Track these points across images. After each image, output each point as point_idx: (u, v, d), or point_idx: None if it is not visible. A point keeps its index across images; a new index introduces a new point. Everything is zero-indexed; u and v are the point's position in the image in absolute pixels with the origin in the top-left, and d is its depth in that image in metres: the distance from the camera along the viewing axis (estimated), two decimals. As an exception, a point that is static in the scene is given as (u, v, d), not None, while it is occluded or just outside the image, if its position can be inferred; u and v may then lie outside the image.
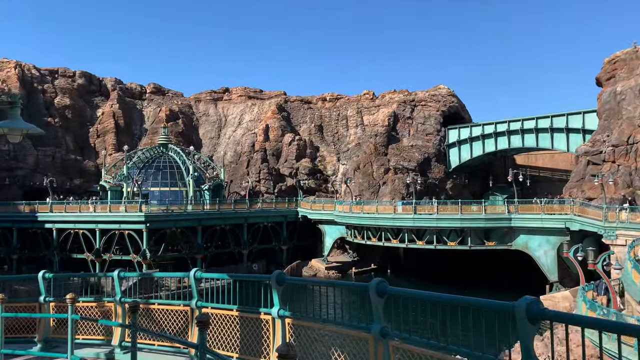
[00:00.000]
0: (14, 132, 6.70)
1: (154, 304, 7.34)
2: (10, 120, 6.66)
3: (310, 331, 5.43)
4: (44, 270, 8.42)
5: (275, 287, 5.95)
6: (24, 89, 67.20)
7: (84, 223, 46.98)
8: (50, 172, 61.56)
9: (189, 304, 6.96)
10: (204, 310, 6.77)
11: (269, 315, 6.02)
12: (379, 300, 5.00)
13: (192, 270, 7.00)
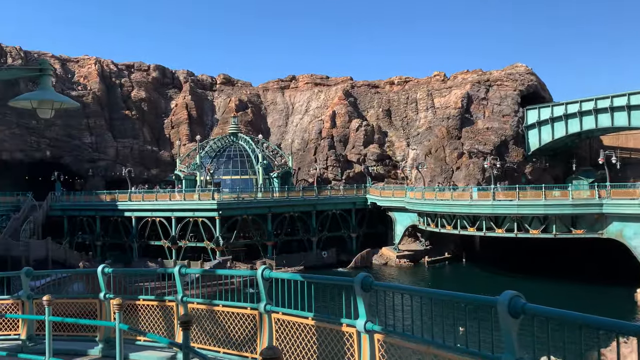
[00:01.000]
0: (44, 105, 5.46)
1: (218, 305, 6.56)
2: (39, 91, 5.45)
3: (412, 355, 4.32)
4: (103, 265, 7.95)
5: (360, 295, 4.91)
6: (104, 84, 70.70)
7: (161, 211, 48.61)
8: (129, 162, 64.46)
9: (257, 307, 6.10)
10: (275, 315, 5.89)
11: (353, 328, 4.99)
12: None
13: (260, 269, 6.11)
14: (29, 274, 8.17)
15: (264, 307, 5.96)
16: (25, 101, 5.48)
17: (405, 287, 4.16)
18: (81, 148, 63.95)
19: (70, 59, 73.71)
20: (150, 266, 44.83)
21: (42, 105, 5.51)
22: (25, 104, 5.54)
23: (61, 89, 65.41)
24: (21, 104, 5.59)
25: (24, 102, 5.49)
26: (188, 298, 6.93)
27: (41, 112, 5.60)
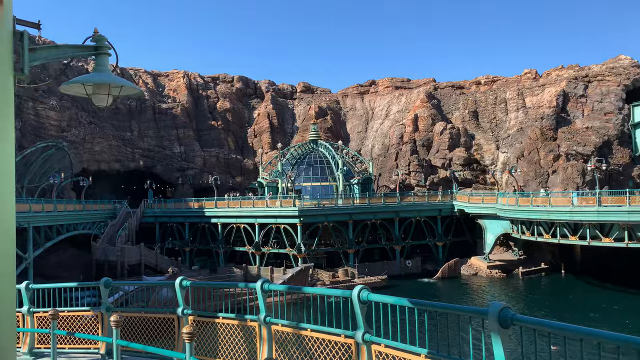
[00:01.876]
0: (100, 90, 4.47)
1: (307, 329, 5.54)
2: (95, 73, 4.46)
3: None
4: (181, 277, 7.30)
5: (496, 332, 3.63)
6: (191, 96, 73.91)
7: (244, 218, 49.36)
8: (215, 171, 66.64)
9: (354, 336, 5.00)
10: (375, 347, 4.77)
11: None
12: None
13: (356, 290, 4.98)
14: (107, 285, 7.72)
15: (361, 337, 4.86)
16: (78, 85, 4.52)
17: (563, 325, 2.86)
18: (171, 157, 67.07)
19: (161, 73, 77.94)
20: (235, 272, 45.54)
21: (98, 90, 4.55)
22: (77, 89, 4.60)
23: (153, 102, 69.27)
24: (73, 90, 4.67)
25: (76, 86, 4.56)
26: (272, 319, 6.01)
27: (97, 100, 4.61)
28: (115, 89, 4.64)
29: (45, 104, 55.87)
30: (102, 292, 7.75)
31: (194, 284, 7.14)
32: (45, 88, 58.71)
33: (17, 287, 8.37)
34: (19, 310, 8.11)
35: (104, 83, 4.49)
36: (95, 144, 60.30)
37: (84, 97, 4.70)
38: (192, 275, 41.15)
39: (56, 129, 55.97)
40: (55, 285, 8.21)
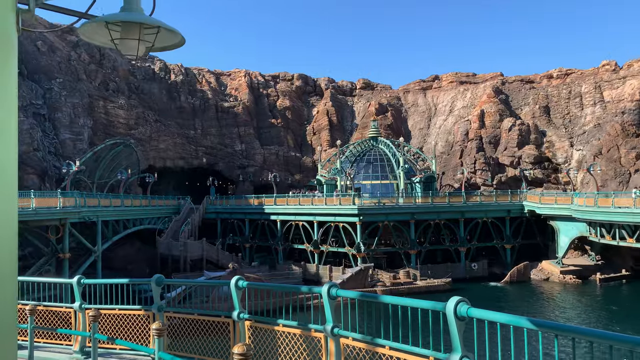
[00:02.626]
0: (129, 33, 3.38)
1: (384, 347, 4.55)
2: (123, 12, 3.34)
3: None
4: (237, 277, 6.53)
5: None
6: (252, 95, 74.68)
7: (303, 215, 48.95)
8: (275, 168, 66.90)
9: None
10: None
11: None
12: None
13: (451, 303, 3.95)
14: (159, 282, 7.09)
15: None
16: (100, 27, 3.38)
17: None
18: (233, 155, 68.02)
19: (223, 73, 79.33)
20: (294, 269, 45.20)
21: (127, 34, 3.39)
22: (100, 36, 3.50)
23: (215, 101, 70.56)
24: (95, 37, 3.53)
25: (98, 30, 3.43)
26: (341, 330, 5.07)
27: (124, 47, 3.49)
28: (150, 34, 3.46)
29: (115, 103, 58.15)
30: (153, 291, 7.12)
31: (251, 284, 6.33)
32: (115, 87, 61.20)
33: (69, 281, 7.98)
34: (71, 306, 7.65)
35: (134, 22, 3.32)
36: (161, 141, 62.11)
37: (109, 45, 3.60)
38: (251, 272, 41.20)
39: (124, 127, 58.12)
40: (107, 280, 7.69)
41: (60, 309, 7.81)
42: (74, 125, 52.24)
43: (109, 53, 66.09)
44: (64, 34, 64.16)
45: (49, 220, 32.74)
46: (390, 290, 40.35)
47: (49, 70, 53.68)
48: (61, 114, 51.44)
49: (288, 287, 5.49)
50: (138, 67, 68.30)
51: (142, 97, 64.63)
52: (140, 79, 67.19)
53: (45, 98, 51.54)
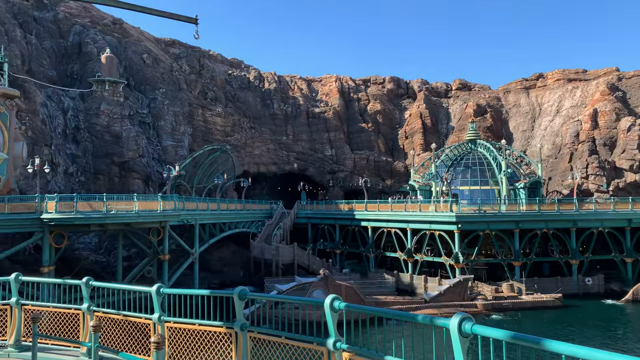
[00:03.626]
0: None
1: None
2: None
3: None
4: (332, 296, 5.27)
5: None
6: (343, 99, 74.16)
7: (396, 222, 47.07)
8: (365, 173, 65.67)
9: None
10: None
11: None
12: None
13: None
14: (242, 297, 6.04)
15: None
16: None
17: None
18: (323, 160, 67.83)
19: (314, 79, 79.79)
20: (386, 278, 43.45)
21: None
22: None
23: (307, 107, 70.96)
24: None
25: None
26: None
27: None
28: None
29: (213, 111, 60.36)
30: (236, 305, 6.09)
31: (351, 307, 5.03)
32: (213, 96, 63.66)
33: (147, 290, 7.27)
34: (149, 318, 6.89)
35: None
36: (255, 147, 63.48)
37: None
38: (342, 279, 40.12)
39: (221, 133, 60.10)
40: (187, 291, 6.81)
41: (139, 319, 7.09)
42: (175, 132, 54.87)
43: (208, 64, 69.06)
44: (166, 46, 68.13)
45: (150, 222, 34.08)
46: (492, 305, 37.23)
47: (153, 81, 56.98)
48: (164, 122, 54.25)
49: (402, 314, 4.18)
50: (234, 77, 70.64)
51: (237, 105, 66.63)
52: (236, 87, 69.38)
53: (150, 107, 54.68)
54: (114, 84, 50.81)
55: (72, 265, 37.35)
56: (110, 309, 7.47)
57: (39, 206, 29.77)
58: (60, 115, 46.76)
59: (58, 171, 43.75)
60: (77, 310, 7.70)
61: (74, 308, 7.77)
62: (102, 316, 7.43)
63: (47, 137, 43.43)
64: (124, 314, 7.23)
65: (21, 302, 8.18)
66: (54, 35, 54.34)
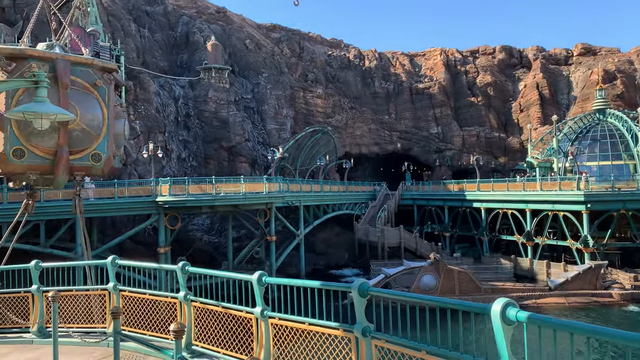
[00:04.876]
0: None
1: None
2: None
3: None
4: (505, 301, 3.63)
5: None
6: (448, 73, 69.90)
7: (512, 202, 43.11)
8: (475, 151, 61.44)
9: None
10: None
11: None
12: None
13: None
14: (363, 293, 4.56)
15: None
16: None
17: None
18: (428, 139, 64.66)
19: (417, 54, 76.18)
20: (503, 263, 40.10)
21: None
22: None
23: (410, 83, 67.94)
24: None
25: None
26: None
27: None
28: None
29: (313, 93, 59.91)
30: (356, 305, 4.64)
31: (531, 318, 3.36)
32: (313, 78, 63.18)
33: (248, 278, 6.14)
34: (251, 311, 5.75)
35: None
36: (356, 128, 62.14)
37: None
38: (453, 264, 37.57)
39: (322, 115, 59.54)
40: (295, 282, 5.52)
41: (240, 313, 5.98)
42: (278, 116, 55.29)
43: (308, 46, 68.73)
44: (267, 32, 68.86)
45: (256, 204, 34.36)
46: (632, 295, 32.52)
47: (256, 66, 57.77)
48: (267, 106, 54.86)
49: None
50: (334, 57, 69.61)
51: (338, 86, 65.60)
52: (336, 67, 68.31)
53: (254, 92, 55.57)
54: (219, 71, 52.22)
55: (186, 245, 39.05)
56: (207, 298, 6.47)
57: (154, 189, 31.19)
58: (172, 103, 49.07)
59: (172, 157, 46.01)
60: (174, 299, 6.81)
61: (170, 296, 6.90)
62: (200, 307, 6.47)
63: (161, 125, 45.75)
64: (223, 306, 6.18)
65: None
66: (164, 28, 57.12)
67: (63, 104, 8.13)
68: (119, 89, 10.23)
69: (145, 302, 7.05)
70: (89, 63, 8.82)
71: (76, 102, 8.34)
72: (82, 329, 7.67)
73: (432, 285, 32.70)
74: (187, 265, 6.55)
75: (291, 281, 5.50)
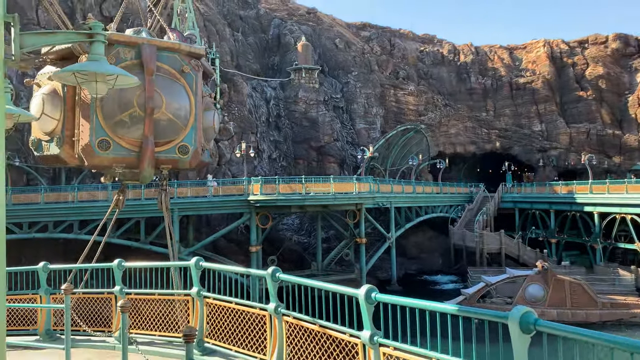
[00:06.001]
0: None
1: None
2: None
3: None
4: None
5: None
6: (553, 66, 64.46)
7: (632, 207, 38.16)
8: (585, 150, 55.87)
9: None
10: None
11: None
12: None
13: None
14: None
15: None
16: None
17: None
18: (530, 137, 59.94)
19: (517, 46, 71.16)
20: (622, 274, 35.62)
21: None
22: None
23: (509, 78, 63.53)
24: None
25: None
26: None
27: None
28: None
29: (405, 90, 57.91)
30: (515, 347, 3.25)
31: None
32: (405, 75, 61.13)
33: (358, 294, 4.93)
34: (360, 335, 4.58)
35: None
36: (451, 126, 59.16)
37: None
38: (562, 273, 33.92)
39: (414, 113, 57.35)
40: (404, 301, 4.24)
41: (342, 336, 4.82)
42: (367, 115, 54.06)
43: (399, 42, 66.75)
44: (357, 30, 67.87)
45: (346, 204, 33.41)
46: None
47: (346, 65, 56.98)
48: (356, 105, 53.84)
49: None
50: (426, 53, 66.98)
51: (430, 82, 62.95)
52: (429, 64, 65.64)
53: (343, 91, 54.81)
54: (309, 71, 52.11)
55: (276, 245, 39.07)
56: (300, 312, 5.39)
57: (246, 188, 31.37)
58: (263, 104, 49.72)
59: (263, 157, 46.55)
60: (263, 311, 5.82)
61: (258, 307, 5.92)
62: (293, 322, 5.40)
63: (253, 126, 46.45)
64: (321, 325, 5.05)
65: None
66: (257, 31, 58.23)
67: (148, 91, 7.51)
68: (209, 78, 9.45)
69: (231, 312, 6.14)
70: (176, 48, 8.16)
71: (162, 90, 7.70)
72: (165, 337, 6.96)
73: (539, 296, 29.65)
74: (278, 271, 5.51)
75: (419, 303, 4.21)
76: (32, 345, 7.54)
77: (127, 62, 7.55)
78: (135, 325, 7.18)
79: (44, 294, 7.82)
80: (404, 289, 38.62)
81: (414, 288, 39.07)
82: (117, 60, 7.48)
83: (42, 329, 7.69)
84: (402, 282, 40.26)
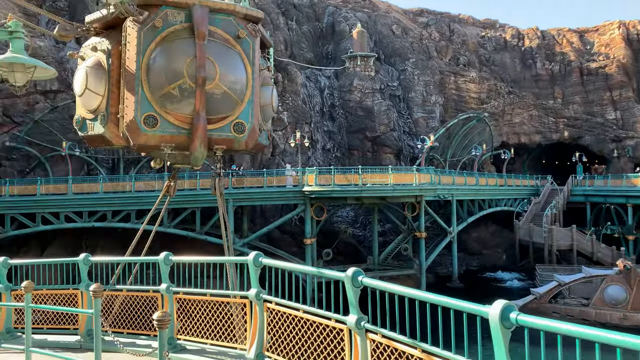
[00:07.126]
0: None
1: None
2: None
3: None
4: None
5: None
6: (630, 49, 59.48)
7: None
8: (667, 139, 51.09)
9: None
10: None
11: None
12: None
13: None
14: None
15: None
16: None
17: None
18: (603, 126, 55.53)
19: (587, 29, 66.25)
20: None
21: None
22: None
23: (580, 63, 59.23)
24: None
25: None
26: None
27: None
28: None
29: (465, 77, 55.09)
30: None
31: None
32: (465, 61, 58.20)
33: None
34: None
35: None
36: (515, 115, 55.79)
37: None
38: None
39: (476, 101, 54.48)
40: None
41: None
42: (426, 103, 51.83)
43: (458, 28, 63.73)
44: (414, 17, 65.35)
45: (405, 196, 31.81)
46: None
47: (403, 52, 54.85)
48: (414, 94, 51.71)
49: None
50: (488, 38, 63.58)
51: (492, 69, 59.65)
52: (490, 49, 62.26)
53: (400, 79, 52.81)
54: (365, 59, 50.48)
55: (331, 237, 38.01)
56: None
57: (301, 179, 30.43)
58: (317, 94, 48.63)
59: (317, 147, 45.53)
60: (341, 324, 4.62)
61: (334, 319, 4.73)
62: (384, 343, 4.17)
63: (307, 116, 45.49)
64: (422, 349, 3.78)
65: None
66: (311, 19, 57.12)
67: (200, 59, 6.44)
68: (267, 49, 8.25)
69: (298, 321, 4.98)
70: (231, 10, 7.05)
71: (215, 58, 6.60)
72: (218, 347, 5.91)
73: (620, 298, 26.97)
74: (361, 274, 4.29)
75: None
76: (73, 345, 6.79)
77: (176, 26, 6.52)
78: (183, 331, 6.20)
79: (83, 290, 7.00)
80: (465, 286, 36.61)
81: (477, 285, 36.95)
82: (164, 23, 6.48)
83: (82, 329, 6.88)
84: (463, 279, 38.20)
